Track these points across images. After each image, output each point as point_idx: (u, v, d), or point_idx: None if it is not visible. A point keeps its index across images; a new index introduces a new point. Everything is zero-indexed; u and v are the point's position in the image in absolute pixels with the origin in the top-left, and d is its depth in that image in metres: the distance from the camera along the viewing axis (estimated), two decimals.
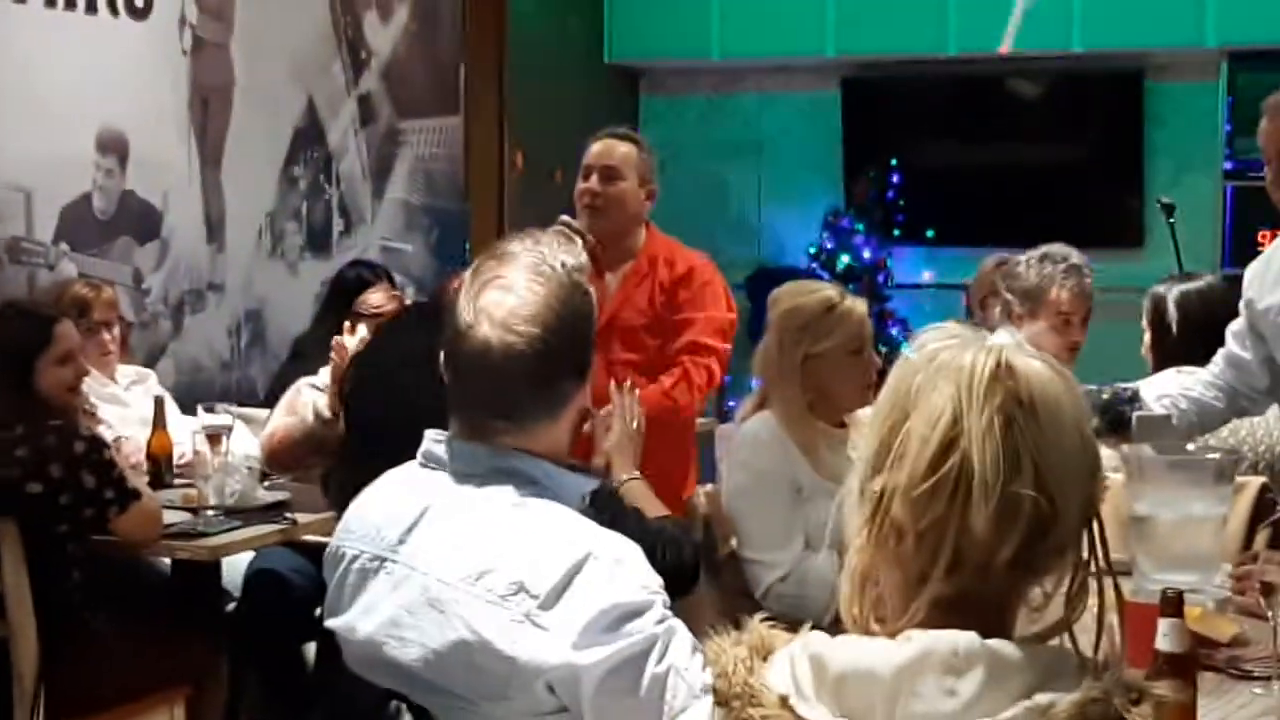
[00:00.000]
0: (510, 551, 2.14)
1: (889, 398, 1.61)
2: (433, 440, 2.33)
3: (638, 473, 3.37)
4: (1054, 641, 1.56)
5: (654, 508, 3.26)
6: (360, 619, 2.27)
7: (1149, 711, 1.48)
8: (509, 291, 2.21)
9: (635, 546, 2.19)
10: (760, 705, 1.53)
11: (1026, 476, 1.52)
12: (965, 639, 1.50)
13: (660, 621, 2.10)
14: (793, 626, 1.62)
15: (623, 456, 3.39)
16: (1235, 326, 3.93)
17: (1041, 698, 1.47)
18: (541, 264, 2.24)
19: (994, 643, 1.50)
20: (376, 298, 5.19)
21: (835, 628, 1.61)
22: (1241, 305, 3.92)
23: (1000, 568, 1.54)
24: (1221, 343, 4.03)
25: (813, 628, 1.59)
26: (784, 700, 1.52)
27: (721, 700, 1.56)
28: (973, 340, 1.59)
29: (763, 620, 1.63)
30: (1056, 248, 4.93)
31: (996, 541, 1.53)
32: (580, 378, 2.28)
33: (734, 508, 3.73)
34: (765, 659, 1.58)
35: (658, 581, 2.15)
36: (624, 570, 2.14)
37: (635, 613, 2.08)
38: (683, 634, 2.12)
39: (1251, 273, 3.93)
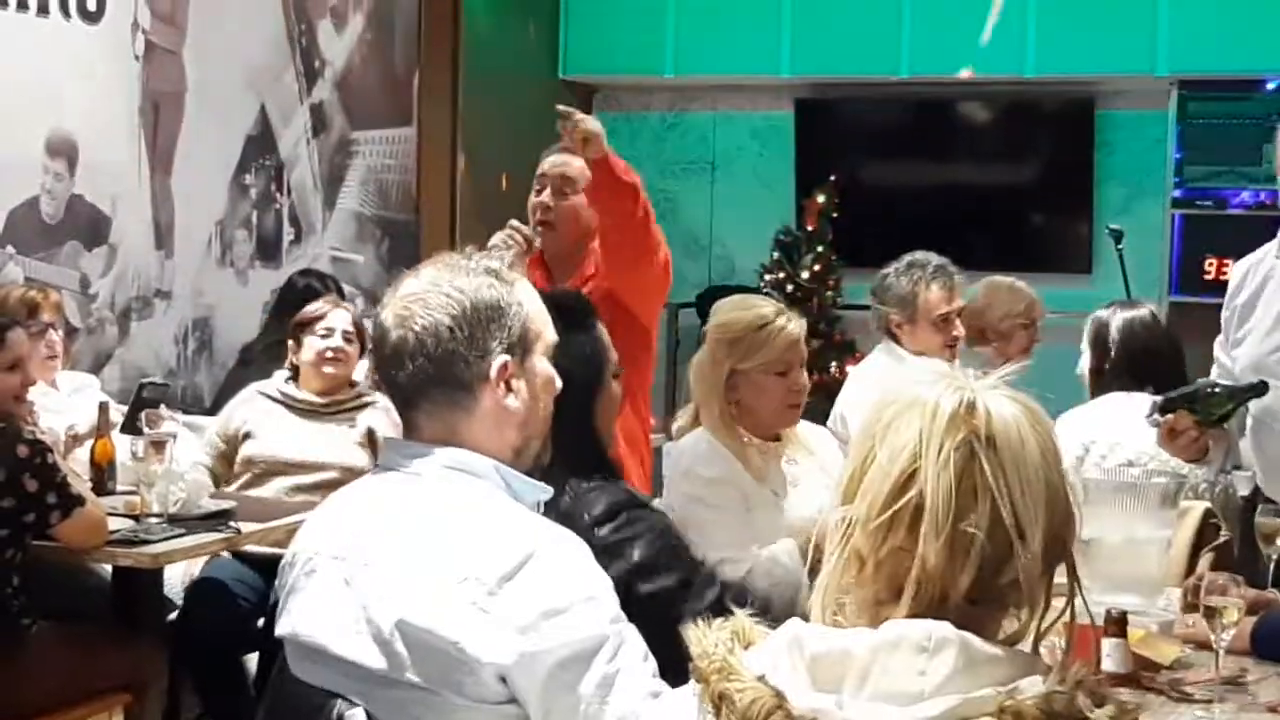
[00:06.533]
0: (461, 542, 2.15)
1: (864, 430, 1.65)
2: (386, 443, 2.35)
3: None
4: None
5: None
6: (311, 618, 2.26)
7: (1110, 714, 1.51)
8: (411, 278, 2.29)
9: (585, 545, 2.20)
10: (738, 679, 1.56)
11: (982, 512, 1.55)
12: (940, 627, 1.53)
13: (613, 622, 2.11)
14: (774, 625, 1.66)
15: None
16: (1220, 338, 3.97)
17: (1009, 686, 1.49)
18: (457, 260, 2.30)
19: (967, 635, 1.53)
20: (318, 308, 5.16)
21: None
22: (1224, 311, 3.95)
23: (958, 600, 1.57)
24: (1158, 371, 4.11)
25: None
26: (760, 677, 1.56)
27: (701, 677, 1.60)
28: (948, 378, 1.63)
29: (749, 615, 1.68)
30: (920, 254, 5.12)
31: (951, 574, 1.56)
32: (480, 362, 2.25)
33: (688, 516, 3.72)
34: (746, 647, 1.62)
35: (609, 582, 2.16)
36: (575, 565, 2.15)
37: (584, 608, 2.09)
38: (635, 639, 2.13)
39: (1241, 271, 3.96)
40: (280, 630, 2.32)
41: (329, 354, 5.01)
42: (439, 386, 2.25)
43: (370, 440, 4.97)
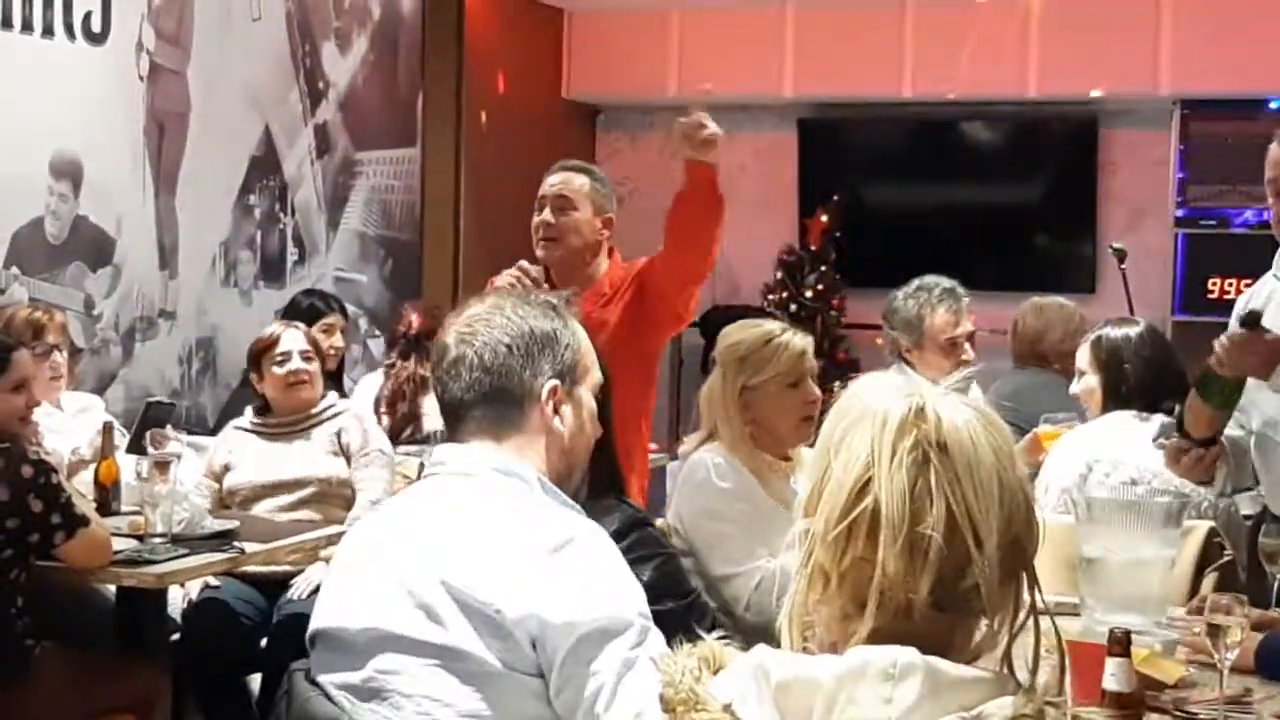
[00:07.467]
0: (504, 521, 2.25)
1: (820, 444, 1.66)
2: (436, 450, 2.47)
3: None
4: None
5: None
6: (345, 601, 2.33)
7: None
8: (476, 302, 2.45)
9: (617, 549, 2.29)
10: (704, 710, 1.56)
11: (937, 515, 1.55)
12: (905, 652, 1.52)
13: (642, 616, 2.18)
14: (748, 646, 1.64)
15: None
16: None
17: (975, 712, 1.49)
18: (521, 293, 2.43)
19: (933, 659, 1.52)
20: (270, 333, 5.12)
21: None
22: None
23: (922, 608, 1.56)
24: (1173, 389, 4.09)
25: None
26: (727, 707, 1.55)
27: (668, 707, 1.59)
28: (900, 387, 1.64)
29: (718, 639, 1.67)
30: (930, 278, 5.13)
31: (912, 579, 1.55)
32: (533, 381, 2.37)
33: (700, 529, 3.76)
34: (715, 672, 1.61)
35: (637, 584, 2.25)
36: (612, 556, 2.25)
37: (617, 591, 2.19)
38: (660, 642, 2.18)
39: (1245, 298, 3.96)
40: (316, 624, 2.36)
41: (291, 379, 5.01)
42: (491, 400, 2.37)
43: (339, 443, 5.00)
